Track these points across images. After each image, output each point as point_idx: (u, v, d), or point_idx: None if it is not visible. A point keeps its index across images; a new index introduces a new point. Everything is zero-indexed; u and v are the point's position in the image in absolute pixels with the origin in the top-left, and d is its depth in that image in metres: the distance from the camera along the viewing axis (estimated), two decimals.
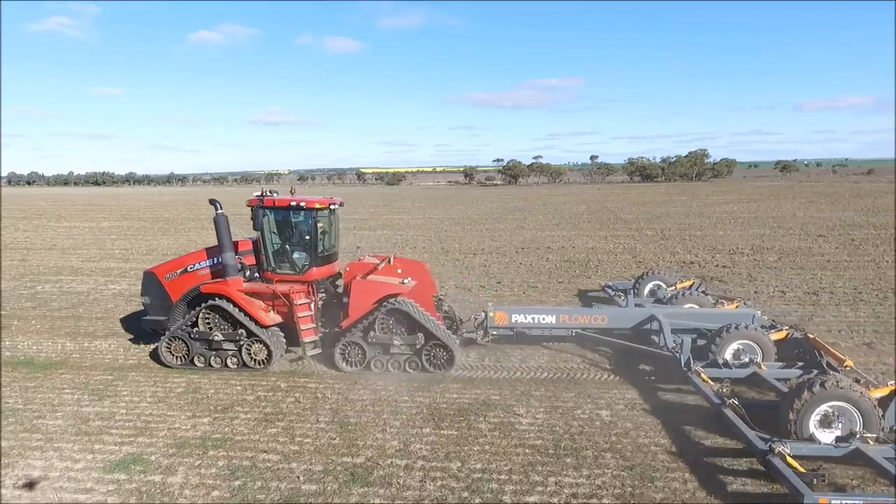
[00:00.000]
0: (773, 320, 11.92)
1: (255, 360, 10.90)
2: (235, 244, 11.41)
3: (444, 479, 7.08)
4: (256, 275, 11.43)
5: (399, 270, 11.50)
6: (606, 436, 8.17)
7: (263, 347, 10.83)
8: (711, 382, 8.88)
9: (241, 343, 10.84)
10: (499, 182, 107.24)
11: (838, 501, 5.90)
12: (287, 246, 11.37)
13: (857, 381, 7.99)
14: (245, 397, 9.70)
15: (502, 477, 7.12)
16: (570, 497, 6.66)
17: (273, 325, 11.01)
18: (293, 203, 10.98)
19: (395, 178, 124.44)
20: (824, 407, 7.29)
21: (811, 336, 10.32)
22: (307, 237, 11.11)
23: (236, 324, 10.81)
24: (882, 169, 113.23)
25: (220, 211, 11.13)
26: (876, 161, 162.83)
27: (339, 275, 12.02)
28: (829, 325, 13.25)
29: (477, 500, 6.62)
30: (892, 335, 12.32)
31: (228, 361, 10.95)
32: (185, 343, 10.99)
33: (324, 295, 11.64)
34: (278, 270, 11.23)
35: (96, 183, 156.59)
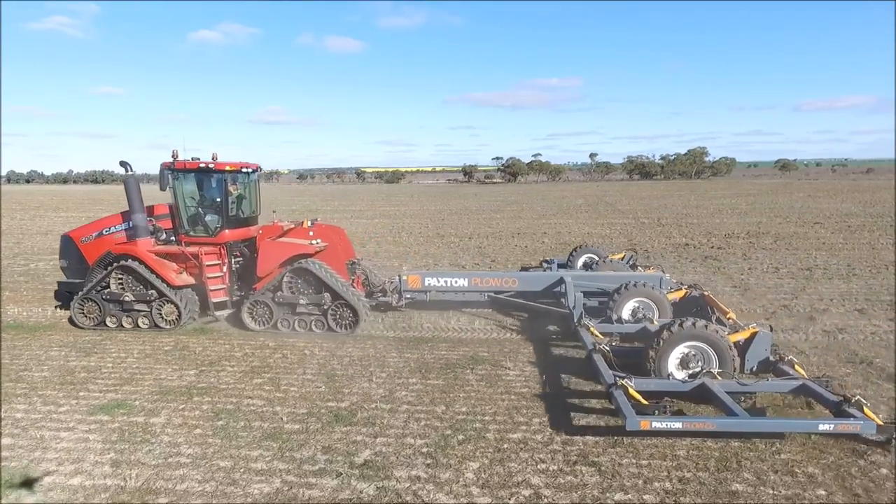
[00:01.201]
0: (681, 282, 12.00)
1: (166, 320, 10.98)
2: (151, 208, 11.57)
3: (428, 420, 7.04)
4: (173, 238, 11.49)
5: (311, 233, 11.53)
6: (594, 385, 8.14)
7: (174, 308, 10.90)
8: (600, 335, 8.90)
9: (153, 304, 10.90)
10: (498, 180, 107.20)
11: (658, 423, 6.10)
12: (199, 208, 11.40)
13: (737, 331, 8.10)
14: (232, 354, 9.68)
15: (486, 418, 7.09)
16: (554, 434, 6.63)
17: (184, 286, 11.02)
18: (202, 165, 10.97)
19: (394, 177, 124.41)
20: (682, 348, 7.45)
21: (706, 293, 10.50)
22: (218, 199, 11.18)
23: (147, 284, 10.85)
24: (881, 168, 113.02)
25: (130, 172, 11.11)
26: (875, 161, 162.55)
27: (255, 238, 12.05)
28: (821, 294, 13.22)
29: (460, 437, 6.59)
30: (884, 303, 12.28)
31: (140, 322, 11.02)
32: (98, 304, 11.07)
33: (241, 259, 11.68)
34: (191, 233, 11.31)
35: (95, 181, 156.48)
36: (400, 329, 11.05)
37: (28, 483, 5.71)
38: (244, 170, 11.43)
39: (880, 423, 6.01)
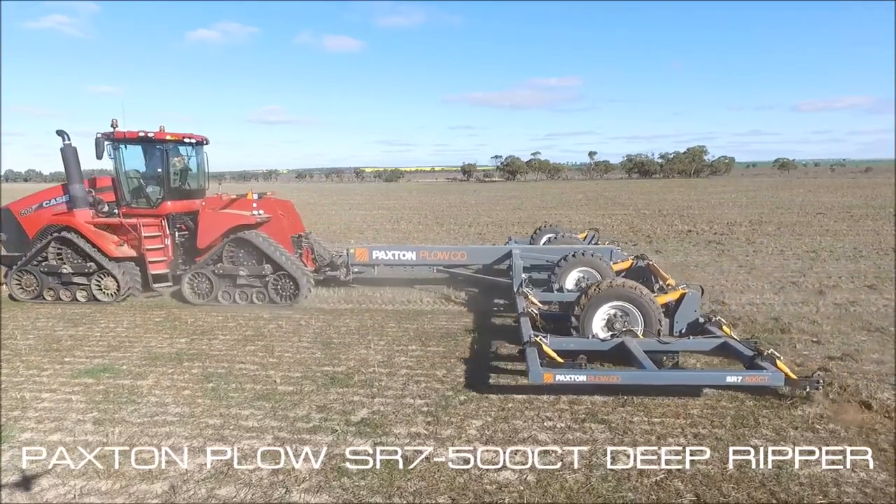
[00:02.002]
0: (630, 254, 11.78)
1: (105, 293, 10.69)
2: (93, 180, 11.26)
3: (428, 382, 6.73)
4: (116, 210, 11.17)
5: (254, 205, 11.23)
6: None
7: (113, 280, 10.60)
8: (535, 301, 8.59)
9: (92, 276, 10.62)
10: (496, 178, 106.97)
11: (562, 376, 5.92)
12: (140, 179, 11.11)
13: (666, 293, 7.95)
14: (226, 324, 9.36)
15: (489, 381, 6.78)
16: (560, 395, 6.32)
17: (124, 258, 10.74)
18: (142, 135, 10.65)
19: (393, 175, 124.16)
20: (606, 308, 7.24)
21: (651, 263, 10.36)
22: (159, 170, 10.89)
23: (86, 256, 10.57)
24: (880, 168, 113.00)
25: (67, 142, 10.76)
26: (874, 161, 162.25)
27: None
28: (829, 273, 12.92)
29: (462, 398, 6.28)
30: (893, 280, 11.99)
31: (78, 295, 10.74)
32: (35, 277, 10.78)
33: (186, 233, 11.39)
34: (133, 204, 11.02)
35: None
36: (399, 303, 10.73)
37: (4, 440, 5.39)
38: (187, 140, 11.10)
39: (794, 377, 5.89)
